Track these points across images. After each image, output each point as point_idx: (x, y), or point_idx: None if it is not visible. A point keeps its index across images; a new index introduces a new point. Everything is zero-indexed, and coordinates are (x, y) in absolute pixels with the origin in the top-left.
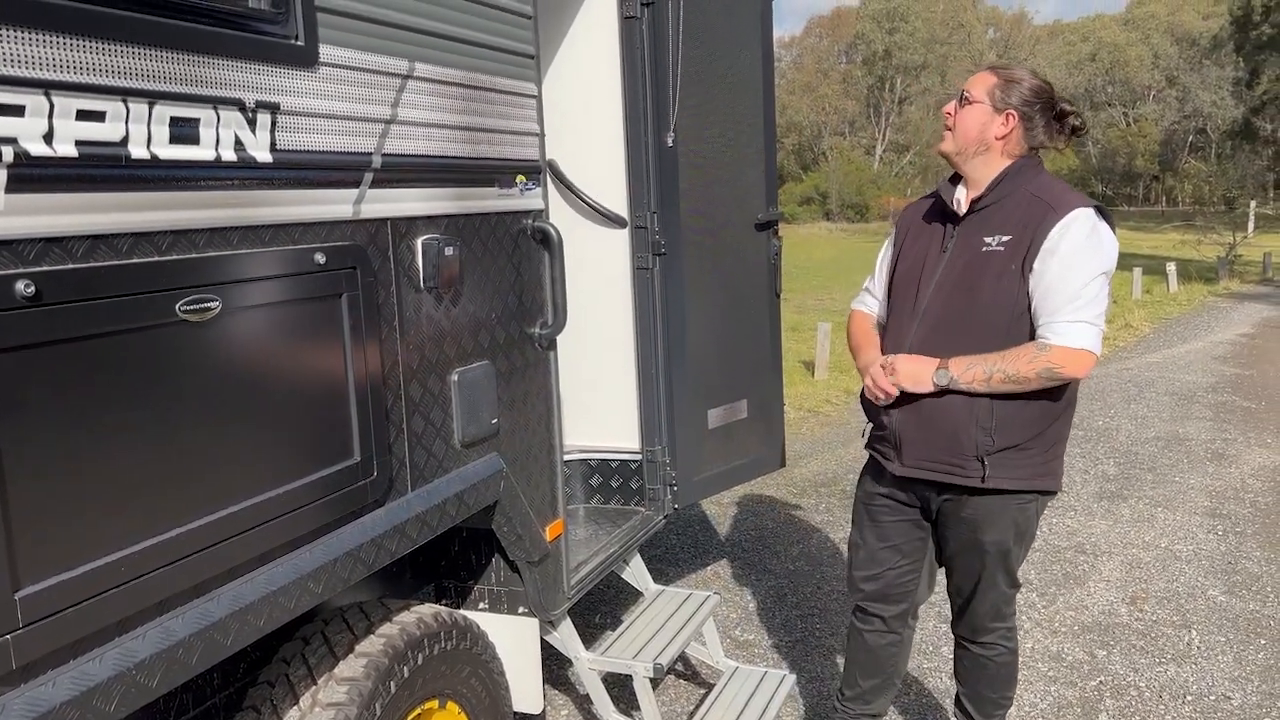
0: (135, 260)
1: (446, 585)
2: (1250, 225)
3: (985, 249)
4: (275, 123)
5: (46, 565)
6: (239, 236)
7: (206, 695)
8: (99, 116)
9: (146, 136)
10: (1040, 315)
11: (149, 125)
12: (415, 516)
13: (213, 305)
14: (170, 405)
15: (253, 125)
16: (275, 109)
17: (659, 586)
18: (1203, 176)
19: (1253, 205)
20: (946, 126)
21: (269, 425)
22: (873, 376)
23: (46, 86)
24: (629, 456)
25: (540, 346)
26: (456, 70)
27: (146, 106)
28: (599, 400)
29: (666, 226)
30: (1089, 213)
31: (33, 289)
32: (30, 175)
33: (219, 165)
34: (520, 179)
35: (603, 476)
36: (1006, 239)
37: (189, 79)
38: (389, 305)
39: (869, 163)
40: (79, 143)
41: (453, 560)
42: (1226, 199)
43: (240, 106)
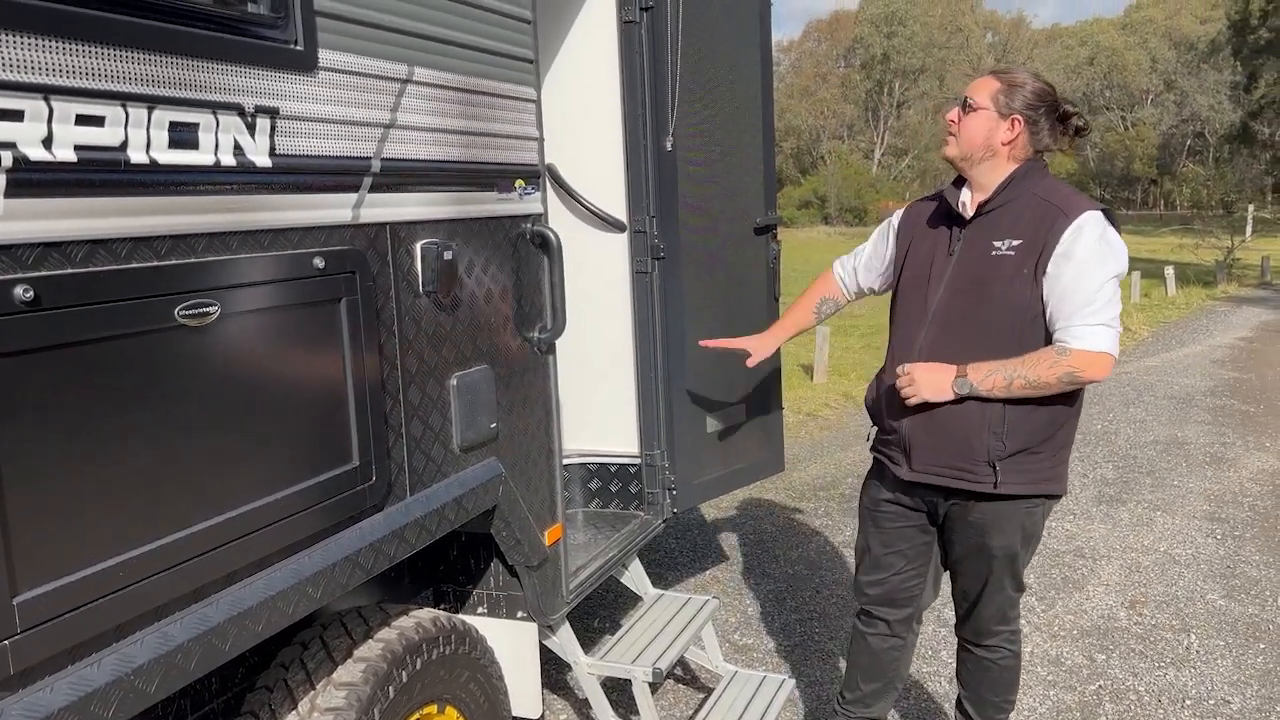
0: (134, 265)
1: (445, 590)
2: (1248, 229)
3: (995, 253)
4: (274, 127)
5: (45, 570)
6: (238, 241)
7: (204, 700)
8: (98, 121)
9: (146, 141)
10: (1057, 320)
11: (148, 130)
12: (414, 521)
13: (212, 310)
14: (169, 410)
15: (252, 130)
16: (274, 114)
17: (658, 591)
18: (1201, 180)
19: (1251, 209)
20: (950, 132)
21: (267, 430)
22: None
23: (45, 91)
24: (628, 461)
25: (539, 351)
26: (456, 75)
27: (146, 111)
28: (598, 404)
29: (665, 231)
30: (1099, 216)
31: (31, 294)
32: (29, 180)
33: (218, 170)
34: (519, 183)
35: (602, 481)
36: (1017, 243)
37: (188, 84)
38: (388, 310)
39: (867, 167)
40: (78, 147)
41: (451, 565)
42: (1224, 203)
43: (239, 111)
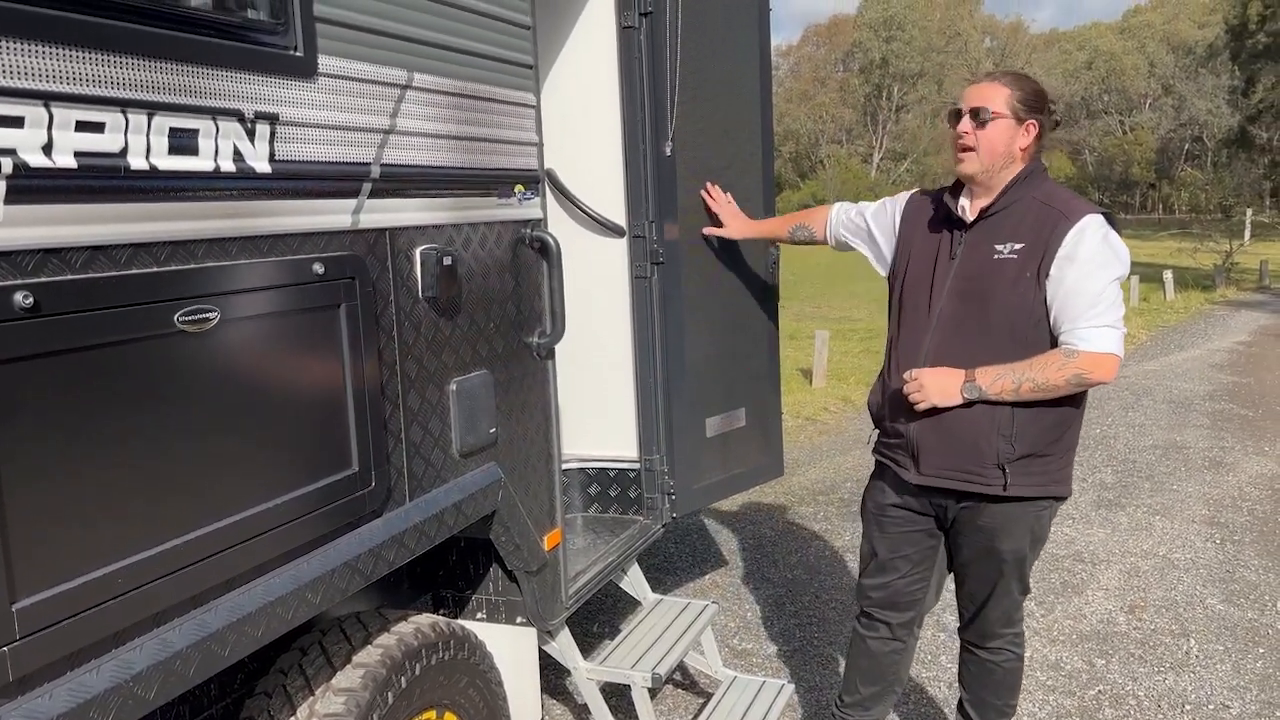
0: (134, 271)
1: (444, 595)
2: (1246, 233)
3: (997, 256)
4: (274, 133)
5: (44, 577)
6: (237, 247)
7: (203, 706)
8: (98, 128)
9: (145, 147)
10: (1062, 322)
11: (148, 136)
12: (413, 527)
13: (211, 316)
14: (168, 416)
15: (251, 136)
16: (274, 119)
17: (657, 596)
18: (1199, 184)
19: (1249, 213)
20: (968, 147)
21: (267, 436)
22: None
23: (46, 98)
24: (627, 465)
25: (539, 356)
26: (455, 80)
27: (145, 117)
28: (597, 409)
29: (665, 236)
30: (1099, 219)
31: (31, 300)
32: (29, 186)
33: (218, 176)
34: (519, 188)
35: (601, 485)
36: (1019, 246)
37: (188, 90)
38: (387, 315)
39: (866, 170)
40: (78, 154)
41: (451, 570)
42: (1223, 207)
43: (239, 117)
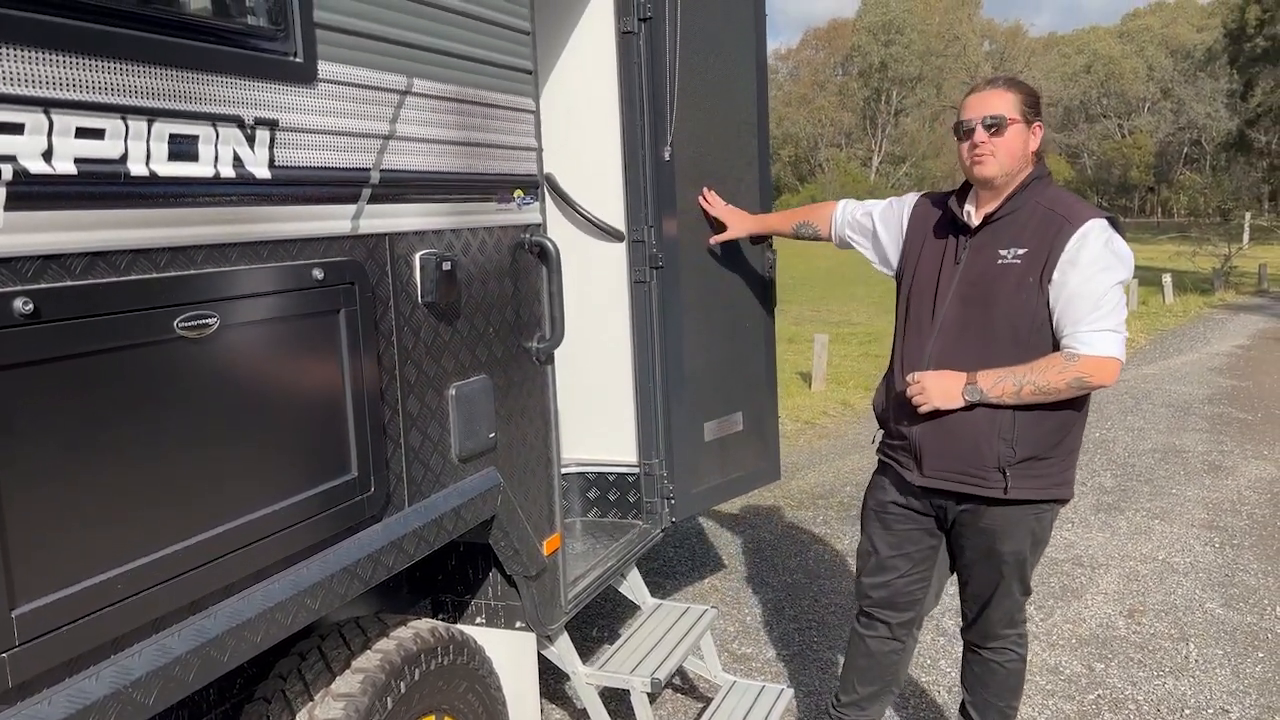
0: (133, 277)
1: (443, 600)
2: (1245, 237)
3: (1001, 261)
4: (274, 139)
5: (43, 582)
6: (237, 253)
7: (203, 711)
8: (98, 134)
9: (145, 153)
10: (1064, 326)
11: (148, 142)
12: (412, 532)
13: (211, 322)
14: (168, 422)
15: (251, 142)
16: (274, 125)
17: (656, 600)
18: (1198, 188)
19: (1248, 217)
20: (988, 153)
21: (266, 441)
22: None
23: (46, 104)
24: (626, 470)
25: (538, 360)
26: (454, 86)
27: (146, 124)
28: (596, 414)
29: (664, 240)
30: (1103, 224)
31: (31, 306)
32: (29, 193)
33: (217, 182)
34: (518, 193)
35: (600, 490)
36: (1023, 251)
37: (188, 96)
38: (387, 320)
39: (865, 174)
40: (78, 160)
41: (450, 575)
42: (1221, 211)
43: (239, 123)
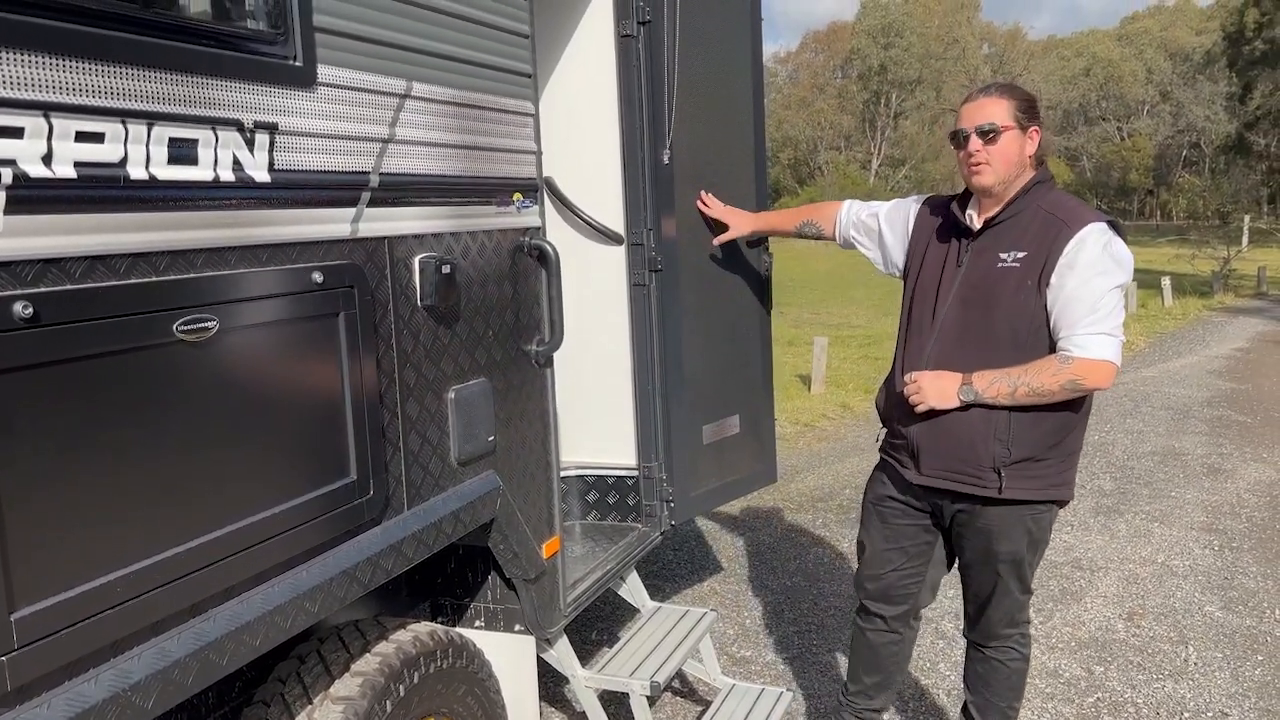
0: (133, 281)
1: (443, 603)
2: (1244, 240)
3: (1001, 264)
4: (273, 143)
5: (42, 586)
6: (236, 256)
7: (202, 714)
8: (98, 138)
9: (145, 157)
10: (1060, 329)
11: (148, 146)
12: (411, 535)
13: (210, 325)
14: (167, 425)
15: (251, 145)
16: (273, 129)
17: (655, 603)
18: (1197, 191)
19: (1247, 220)
20: (983, 162)
21: (265, 444)
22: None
23: (45, 108)
24: (625, 473)
25: (537, 364)
26: (454, 90)
27: (145, 128)
28: (596, 416)
29: (662, 243)
30: (1102, 227)
31: (31, 310)
32: (29, 197)
33: (217, 185)
34: (517, 197)
35: (599, 493)
36: (1022, 255)
37: (188, 100)
38: (386, 324)
39: (865, 177)
40: (78, 164)
41: (449, 578)
42: (1221, 213)
43: (239, 127)
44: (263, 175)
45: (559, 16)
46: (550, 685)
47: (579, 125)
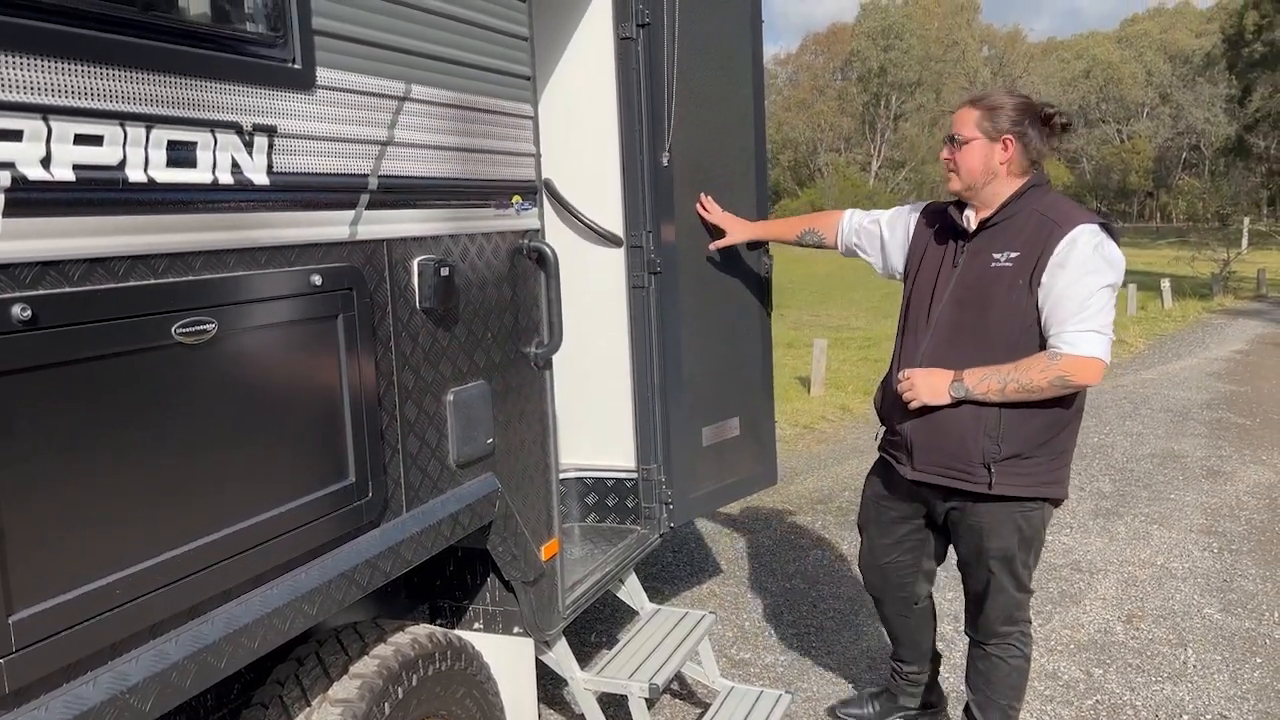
0: (132, 283)
1: (441, 605)
2: (1244, 242)
3: (994, 265)
4: (272, 145)
5: (41, 589)
6: (235, 259)
7: (200, 717)
8: (96, 140)
9: (144, 160)
10: (1050, 326)
11: (146, 149)
12: (410, 538)
13: (209, 327)
14: (166, 428)
15: (250, 148)
16: (272, 132)
17: (655, 605)
18: (1196, 193)
19: (1246, 222)
20: (950, 169)
21: (264, 447)
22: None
23: (44, 111)
24: (625, 475)
25: (536, 366)
26: (453, 92)
27: (144, 130)
28: (595, 418)
29: (662, 245)
30: (1094, 228)
31: (29, 313)
32: (27, 199)
33: (216, 188)
34: (516, 199)
35: (598, 495)
36: (1015, 255)
37: (186, 102)
38: (385, 326)
39: (865, 179)
40: (76, 167)
41: (448, 580)
42: (1220, 215)
43: (237, 129)
44: (261, 178)
45: (558, 19)
46: (549, 687)
47: (578, 127)
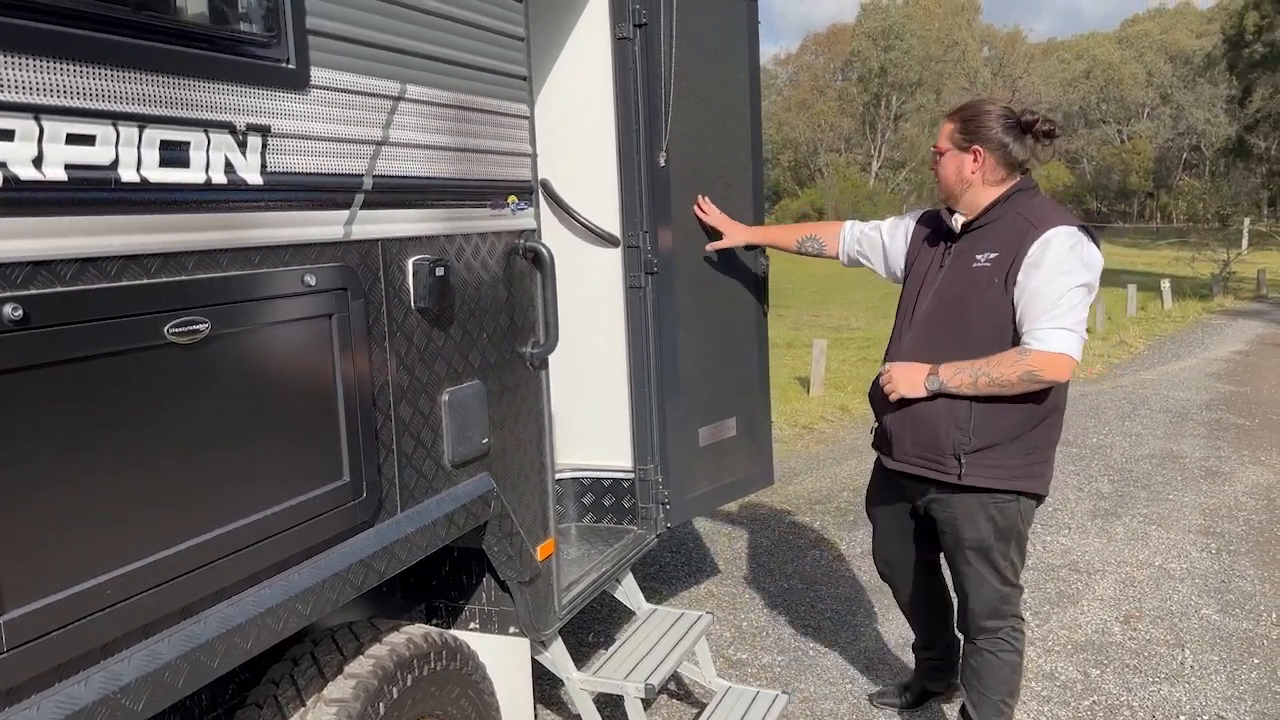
0: (124, 283)
1: (437, 605)
2: (1244, 242)
3: (975, 265)
4: (266, 145)
5: (32, 589)
6: (229, 258)
7: (194, 716)
8: (89, 140)
9: (136, 160)
10: (1023, 323)
11: (139, 149)
12: (405, 538)
13: (201, 327)
14: (158, 428)
15: (243, 148)
16: (266, 131)
17: (651, 605)
18: (1197, 194)
19: (1246, 222)
20: (936, 178)
21: (258, 447)
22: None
23: (36, 111)
24: (621, 475)
25: (532, 366)
26: (448, 92)
27: (137, 130)
28: (591, 418)
29: (658, 245)
30: (1070, 230)
31: (20, 312)
32: (19, 199)
33: (209, 188)
34: (512, 199)
35: (595, 495)
36: (993, 255)
37: (180, 102)
38: (379, 326)
39: (865, 179)
40: (68, 166)
41: (443, 580)
42: (1220, 216)
43: (231, 129)
44: (255, 178)
45: (554, 18)
46: (545, 687)
47: (575, 128)
